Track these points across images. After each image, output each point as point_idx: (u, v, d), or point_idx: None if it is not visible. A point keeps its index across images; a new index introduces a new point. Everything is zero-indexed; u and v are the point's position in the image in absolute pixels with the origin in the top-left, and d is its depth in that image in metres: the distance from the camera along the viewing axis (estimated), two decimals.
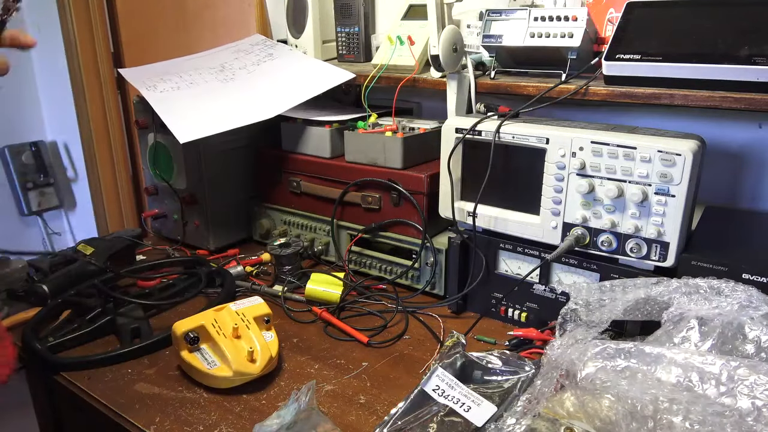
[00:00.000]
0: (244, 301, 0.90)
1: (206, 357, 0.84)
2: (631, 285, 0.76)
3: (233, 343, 0.83)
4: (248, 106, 1.19)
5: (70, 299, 1.00)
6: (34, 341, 0.89)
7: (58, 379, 0.87)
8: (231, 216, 1.30)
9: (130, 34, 2.25)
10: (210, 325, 0.84)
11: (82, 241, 1.16)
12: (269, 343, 0.86)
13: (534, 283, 0.95)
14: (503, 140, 0.92)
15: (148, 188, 1.34)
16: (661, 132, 0.86)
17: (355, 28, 1.33)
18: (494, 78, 1.06)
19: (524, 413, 0.66)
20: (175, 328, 0.84)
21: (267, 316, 0.89)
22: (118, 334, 0.95)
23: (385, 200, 1.10)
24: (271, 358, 0.84)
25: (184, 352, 0.84)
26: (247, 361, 0.81)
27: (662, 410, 0.57)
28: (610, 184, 0.83)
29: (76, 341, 0.93)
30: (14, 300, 1.06)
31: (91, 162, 2.37)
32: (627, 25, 0.94)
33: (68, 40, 2.22)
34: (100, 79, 2.28)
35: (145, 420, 0.76)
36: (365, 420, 0.76)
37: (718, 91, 0.84)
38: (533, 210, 0.92)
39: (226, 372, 0.81)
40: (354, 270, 1.17)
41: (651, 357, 0.64)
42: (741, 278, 0.76)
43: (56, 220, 2.68)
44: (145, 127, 1.28)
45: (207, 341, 0.85)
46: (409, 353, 0.91)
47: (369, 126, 1.14)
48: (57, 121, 2.51)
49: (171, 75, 1.30)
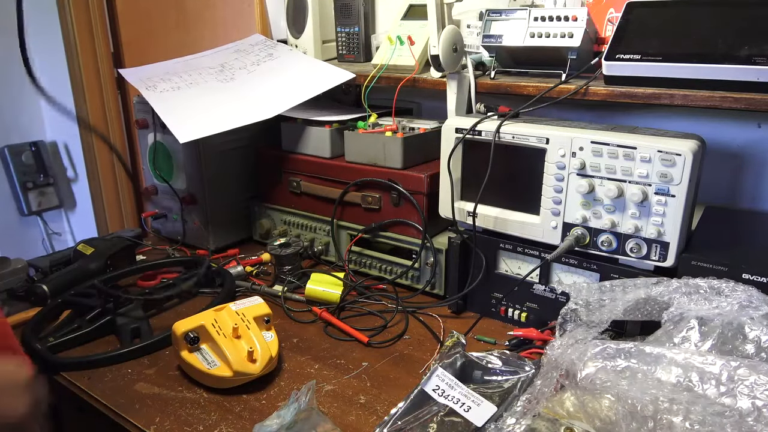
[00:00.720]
0: (244, 301, 0.90)
1: (206, 357, 0.84)
2: (631, 285, 0.76)
3: (233, 343, 0.83)
4: (248, 106, 1.19)
5: (69, 299, 1.00)
6: (34, 341, 0.89)
7: (58, 379, 0.87)
8: (231, 216, 1.30)
9: (130, 34, 2.25)
10: (210, 325, 0.84)
11: (82, 241, 1.16)
12: (269, 343, 0.86)
13: (534, 283, 0.95)
14: (503, 140, 0.92)
15: (148, 188, 1.34)
16: (661, 132, 0.86)
17: (355, 28, 1.33)
18: (494, 78, 1.06)
19: (524, 413, 0.66)
20: (175, 328, 0.84)
21: (267, 316, 0.89)
22: (118, 334, 0.95)
23: (385, 200, 1.10)
24: (271, 358, 0.84)
25: (184, 352, 0.84)
26: (247, 361, 0.81)
27: (662, 410, 0.57)
28: (610, 184, 0.83)
29: (77, 341, 0.93)
30: (14, 300, 1.06)
31: (91, 162, 2.37)
32: (627, 25, 0.94)
33: (68, 40, 2.22)
34: (100, 79, 2.28)
35: (145, 420, 0.76)
36: (365, 420, 0.76)
37: (718, 91, 0.84)
38: (533, 210, 0.92)
39: (226, 372, 0.81)
40: (354, 270, 1.17)
41: (651, 357, 0.64)
42: (741, 278, 0.76)
43: (56, 220, 2.68)
44: (145, 127, 1.28)
45: (207, 341, 0.85)
46: (409, 353, 0.91)
47: (369, 126, 1.14)
48: (57, 121, 2.51)
49: (171, 75, 1.30)
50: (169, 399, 0.81)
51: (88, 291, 1.01)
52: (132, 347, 0.90)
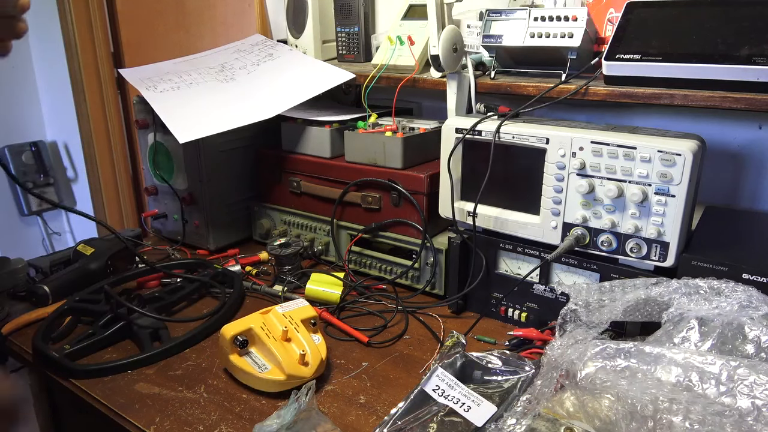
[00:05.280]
0: (289, 303, 0.89)
1: (256, 360, 0.83)
2: (631, 285, 0.76)
3: (284, 347, 0.82)
4: (248, 106, 1.19)
5: (76, 305, 0.98)
6: (48, 349, 0.88)
7: (58, 379, 0.87)
8: (231, 216, 1.30)
9: (130, 34, 2.25)
10: (259, 329, 0.83)
11: (82, 241, 1.16)
12: (318, 345, 0.85)
13: (534, 283, 0.95)
14: (503, 140, 0.92)
15: (148, 188, 1.34)
16: (661, 132, 0.86)
17: (355, 28, 1.33)
18: (494, 78, 1.06)
19: (524, 413, 0.66)
20: (224, 331, 0.83)
21: (314, 319, 0.88)
22: (135, 338, 0.93)
23: (385, 200, 1.10)
24: (322, 360, 0.83)
25: (233, 356, 0.83)
26: (299, 364, 0.81)
27: (662, 410, 0.57)
28: (610, 184, 0.83)
29: (93, 347, 0.91)
30: (15, 300, 1.06)
31: (91, 162, 2.37)
32: (627, 25, 0.94)
33: (68, 40, 2.22)
34: (100, 79, 2.28)
35: (145, 420, 0.76)
36: (365, 420, 0.76)
37: (718, 91, 0.84)
38: (533, 210, 0.92)
39: (279, 375, 0.80)
40: (354, 270, 1.17)
41: (651, 357, 0.64)
42: (741, 278, 0.76)
43: (56, 220, 2.68)
44: (145, 127, 1.28)
45: (256, 344, 0.84)
46: (409, 353, 0.91)
47: (369, 126, 1.14)
48: (57, 121, 2.51)
49: (171, 75, 1.30)
50: (169, 399, 0.81)
51: (94, 297, 1.00)
52: (155, 351, 0.89)
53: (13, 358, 0.97)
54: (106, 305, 0.97)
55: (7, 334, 0.97)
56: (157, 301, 1.02)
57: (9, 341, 0.96)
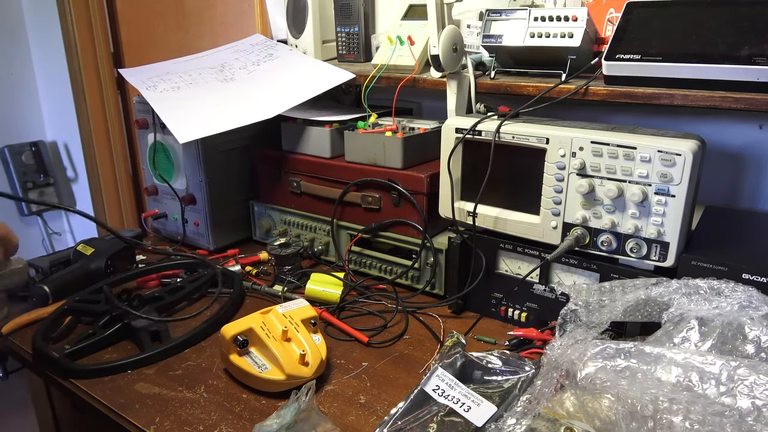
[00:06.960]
0: (289, 303, 0.89)
1: (256, 360, 0.83)
2: (631, 285, 0.76)
3: (284, 347, 0.82)
4: (248, 106, 1.19)
5: (76, 305, 0.98)
6: (48, 349, 0.88)
7: (58, 379, 0.87)
8: (231, 216, 1.30)
9: (130, 34, 2.25)
10: (259, 328, 0.83)
11: (82, 241, 1.16)
12: (318, 345, 0.85)
13: (534, 283, 0.95)
14: (503, 140, 0.92)
15: (148, 188, 1.34)
16: (661, 132, 0.86)
17: (355, 28, 1.33)
18: (494, 78, 1.06)
19: (524, 413, 0.66)
20: (224, 331, 0.83)
21: (314, 319, 0.88)
22: (135, 338, 0.93)
23: (385, 200, 1.10)
24: (322, 361, 0.83)
25: (233, 356, 0.83)
26: (300, 364, 0.81)
27: (662, 410, 0.57)
28: (610, 184, 0.83)
29: (94, 347, 0.91)
30: (15, 300, 1.06)
31: (91, 162, 2.37)
32: (627, 25, 0.94)
33: (68, 41, 2.22)
34: (100, 79, 2.28)
35: (145, 420, 0.76)
36: (365, 420, 0.76)
37: (718, 91, 0.84)
38: (533, 210, 0.92)
39: (278, 375, 0.80)
40: (354, 270, 1.17)
41: (651, 357, 0.64)
42: (741, 278, 0.76)
43: (56, 221, 2.68)
44: (145, 127, 1.28)
45: (256, 344, 0.84)
46: (409, 353, 0.91)
47: (369, 126, 1.14)
48: (57, 121, 2.51)
49: (171, 75, 1.30)
50: (169, 399, 0.81)
51: (94, 297, 1.00)
52: (155, 351, 0.89)
53: (13, 358, 0.97)
54: (106, 305, 0.97)
55: (7, 334, 0.97)
56: (157, 300, 1.01)
57: (9, 341, 0.96)
